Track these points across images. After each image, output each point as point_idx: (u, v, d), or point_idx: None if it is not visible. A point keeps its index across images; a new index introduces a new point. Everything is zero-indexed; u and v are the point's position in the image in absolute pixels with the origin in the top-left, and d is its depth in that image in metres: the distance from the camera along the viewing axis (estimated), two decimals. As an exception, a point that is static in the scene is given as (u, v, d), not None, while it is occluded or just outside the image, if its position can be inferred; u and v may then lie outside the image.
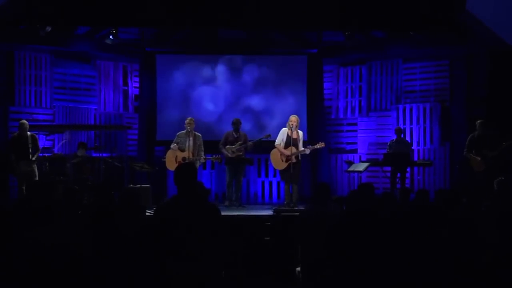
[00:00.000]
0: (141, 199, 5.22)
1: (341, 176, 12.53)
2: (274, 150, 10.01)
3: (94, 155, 11.32)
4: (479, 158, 9.78)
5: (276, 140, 9.95)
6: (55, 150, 11.50)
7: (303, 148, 9.72)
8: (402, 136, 11.25)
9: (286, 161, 9.74)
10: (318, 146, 9.78)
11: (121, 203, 5.02)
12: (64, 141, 11.51)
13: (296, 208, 9.12)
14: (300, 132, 9.87)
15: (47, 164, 10.02)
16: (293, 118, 9.77)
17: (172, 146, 10.23)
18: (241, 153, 10.49)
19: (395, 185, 10.77)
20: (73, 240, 4.07)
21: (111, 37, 11.52)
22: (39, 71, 11.76)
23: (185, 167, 4.04)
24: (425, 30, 10.94)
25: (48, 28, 10.55)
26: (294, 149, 9.65)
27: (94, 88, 12.45)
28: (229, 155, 10.41)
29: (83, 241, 4.11)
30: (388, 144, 11.17)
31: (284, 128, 9.93)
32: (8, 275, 3.74)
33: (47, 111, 11.83)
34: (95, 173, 10.45)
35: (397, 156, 10.73)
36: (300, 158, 9.88)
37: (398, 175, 10.82)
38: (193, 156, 9.96)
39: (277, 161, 9.96)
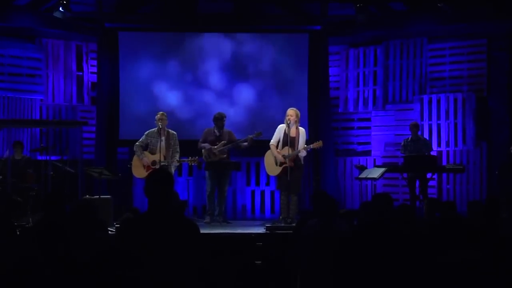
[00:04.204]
0: (100, 214, 5.24)
1: (351, 184, 12.59)
2: (268, 152, 10.03)
3: (39, 158, 11.29)
4: None
5: (272, 140, 9.96)
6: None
7: (299, 149, 9.72)
8: (419, 133, 11.29)
9: (281, 165, 9.76)
10: (314, 146, 9.79)
11: (74, 219, 5.03)
12: None
13: (294, 225, 9.15)
14: (302, 130, 9.89)
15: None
16: (291, 112, 9.79)
17: (135, 149, 10.19)
18: (225, 155, 10.51)
19: (415, 195, 10.83)
20: (14, 265, 4.08)
21: (60, 9, 11.48)
22: (-31, 52, 11.74)
23: (160, 174, 4.06)
24: (457, 0, 11.00)
25: (-20, -2, 10.52)
26: (290, 150, 9.66)
27: (39, 73, 12.43)
28: (212, 151, 10.41)
29: (26, 267, 4.12)
30: (402, 144, 11.22)
31: (281, 125, 9.95)
32: None
33: (-20, 103, 11.81)
34: (41, 181, 10.42)
35: (420, 159, 10.77)
36: (302, 162, 9.90)
37: (418, 183, 10.87)
38: (165, 159, 9.97)
39: (270, 164, 9.98)
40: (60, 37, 12.49)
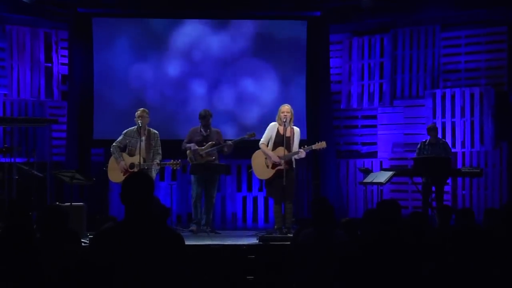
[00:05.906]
0: (71, 223, 5.23)
1: (354, 190, 12.60)
2: (257, 152, 10.00)
3: (2, 160, 11.27)
4: None
5: (262, 138, 9.95)
6: None
7: (296, 150, 9.72)
8: (439, 136, 11.29)
9: (273, 167, 9.75)
10: (316, 146, 9.81)
11: (42, 228, 5.02)
12: None
13: (290, 235, 9.17)
14: (296, 129, 9.90)
15: None
16: (286, 108, 9.79)
17: (112, 150, 10.17)
18: (213, 157, 10.50)
19: (429, 202, 10.84)
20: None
21: (27, -8, 11.49)
22: None
23: (138, 178, 4.05)
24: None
25: None
26: (285, 151, 9.63)
27: (3, 65, 12.40)
28: (198, 152, 10.41)
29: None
30: (418, 147, 11.24)
31: (273, 123, 9.95)
32: None
33: None
34: (4, 185, 10.40)
35: (432, 161, 10.79)
36: (294, 165, 9.90)
37: (434, 189, 10.89)
38: (145, 161, 9.96)
39: (260, 167, 9.94)
40: (26, 24, 12.46)
